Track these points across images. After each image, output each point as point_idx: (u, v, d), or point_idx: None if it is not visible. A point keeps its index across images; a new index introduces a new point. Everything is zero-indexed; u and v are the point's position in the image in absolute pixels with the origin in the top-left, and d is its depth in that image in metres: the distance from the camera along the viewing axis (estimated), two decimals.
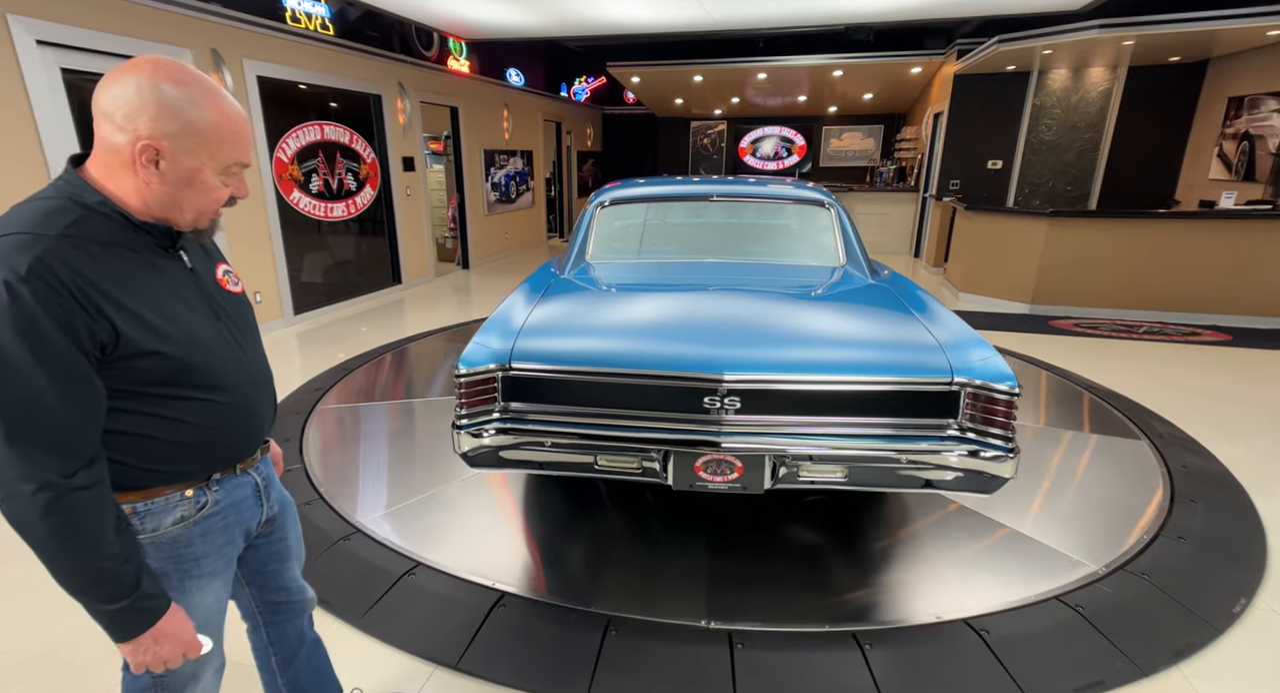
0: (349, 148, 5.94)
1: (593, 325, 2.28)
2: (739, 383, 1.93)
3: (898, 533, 2.48)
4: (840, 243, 2.91)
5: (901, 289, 2.59)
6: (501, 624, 1.99)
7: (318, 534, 2.42)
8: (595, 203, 3.14)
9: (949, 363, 1.93)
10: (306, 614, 1.40)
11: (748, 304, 2.34)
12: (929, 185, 8.87)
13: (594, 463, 2.03)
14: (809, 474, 1.97)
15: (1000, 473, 1.90)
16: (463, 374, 2.02)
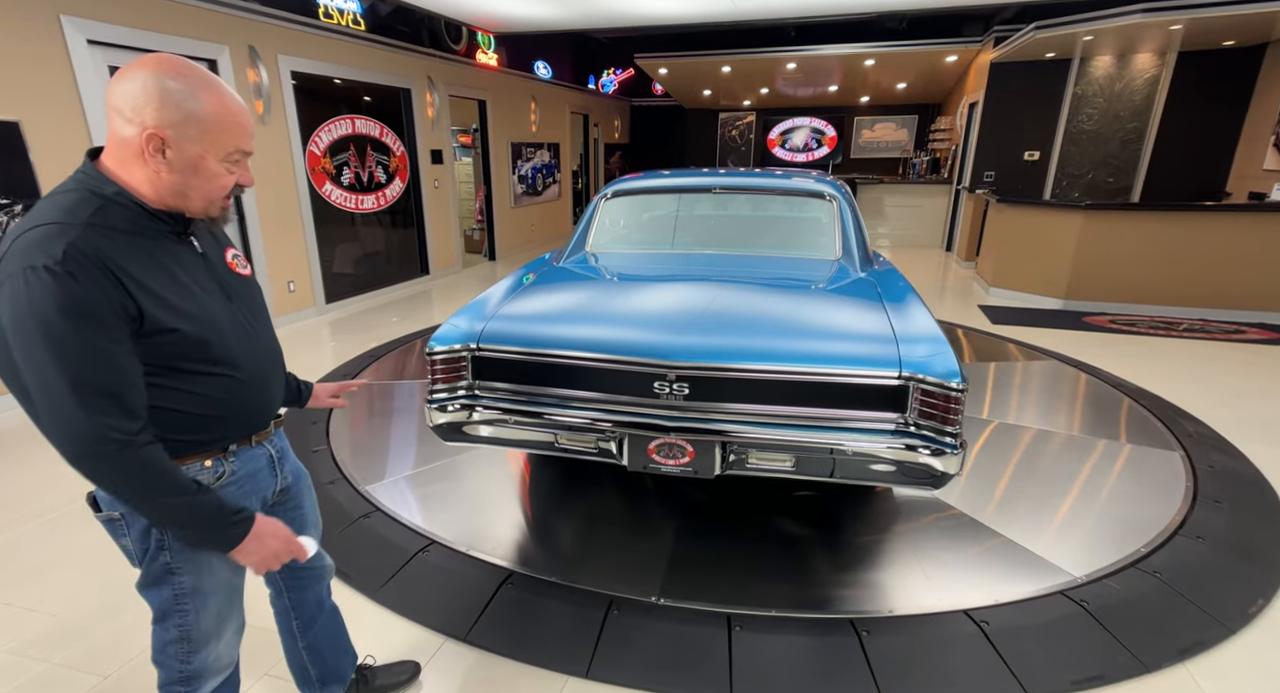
0: (379, 141, 6.09)
1: (560, 311, 2.37)
2: (687, 369, 1.98)
3: (898, 530, 2.48)
4: (838, 236, 2.90)
5: (886, 284, 2.57)
6: (509, 601, 2.07)
7: (339, 512, 2.53)
8: (601, 194, 3.23)
9: (899, 357, 1.93)
10: (325, 582, 1.49)
11: (721, 295, 2.38)
12: (962, 177, 8.67)
13: (555, 442, 2.13)
14: (758, 462, 2.01)
15: (945, 469, 1.90)
16: (433, 352, 2.16)
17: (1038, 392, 3.89)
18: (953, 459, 1.88)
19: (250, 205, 4.83)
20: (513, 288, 2.57)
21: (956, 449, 1.88)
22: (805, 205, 3.08)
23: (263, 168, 4.91)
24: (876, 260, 3.00)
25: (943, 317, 5.69)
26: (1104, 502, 2.64)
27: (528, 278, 2.71)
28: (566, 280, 2.71)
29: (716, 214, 3.16)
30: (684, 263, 2.87)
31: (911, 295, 2.39)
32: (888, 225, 9.84)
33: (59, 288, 0.88)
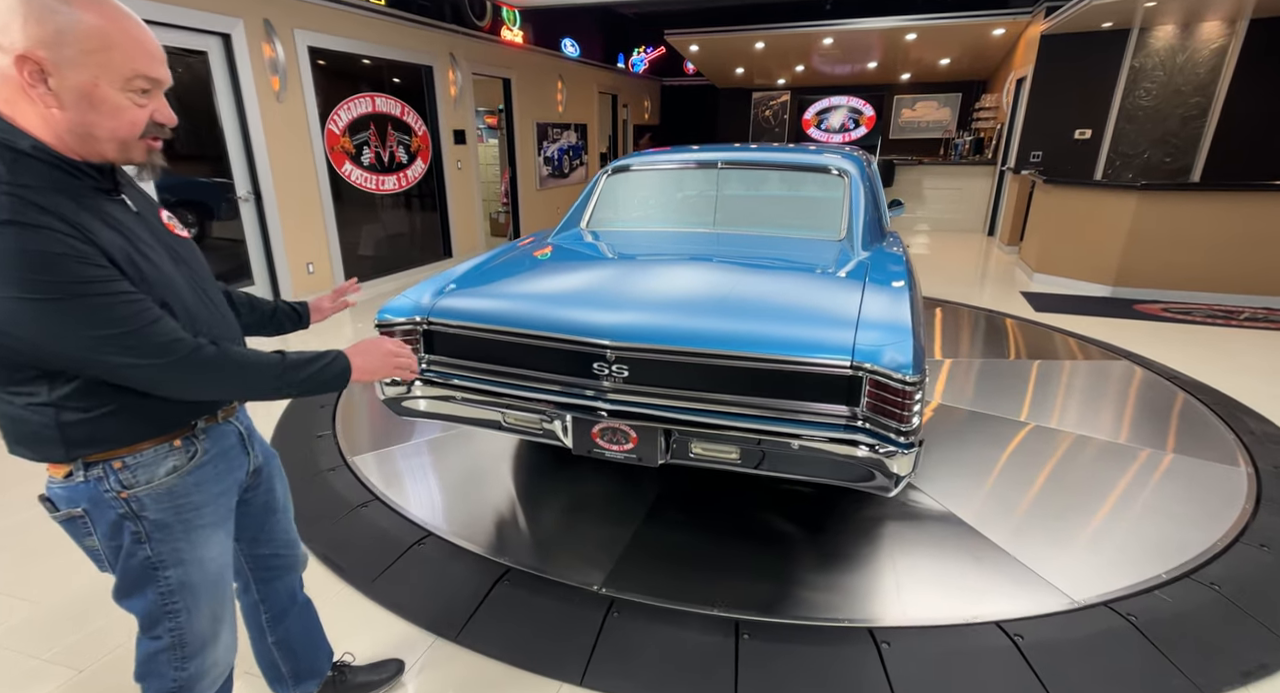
0: (400, 120, 6.01)
1: (516, 287, 2.27)
2: (625, 350, 1.87)
3: (907, 537, 2.30)
4: (845, 215, 2.69)
5: (880, 265, 2.34)
6: (504, 599, 1.96)
7: (337, 500, 2.46)
8: (603, 171, 3.11)
9: (853, 345, 1.75)
10: (297, 572, 1.39)
11: (694, 275, 2.24)
12: (1007, 157, 8.23)
13: (502, 421, 2.06)
14: (701, 452, 1.90)
15: (896, 470, 1.72)
16: (380, 324, 2.11)
17: (1084, 388, 3.62)
18: (904, 460, 1.71)
19: (267, 185, 4.79)
20: (482, 262, 2.51)
21: (908, 449, 1.71)
22: (814, 182, 2.88)
23: (280, 146, 4.86)
24: (887, 240, 2.78)
25: (983, 304, 5.39)
26: (1144, 515, 2.41)
27: (505, 252, 2.62)
28: (540, 257, 2.61)
29: (721, 191, 2.98)
30: (679, 242, 2.72)
31: (901, 279, 2.17)
32: (926, 209, 9.44)
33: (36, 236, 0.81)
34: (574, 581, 2.03)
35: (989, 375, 3.76)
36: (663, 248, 2.60)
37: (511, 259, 2.56)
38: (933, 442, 2.92)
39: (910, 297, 2.00)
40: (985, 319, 4.96)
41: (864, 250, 2.52)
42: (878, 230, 2.74)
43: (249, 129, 4.62)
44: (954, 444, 2.90)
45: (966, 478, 2.63)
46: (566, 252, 2.66)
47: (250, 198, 4.76)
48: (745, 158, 2.97)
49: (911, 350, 1.70)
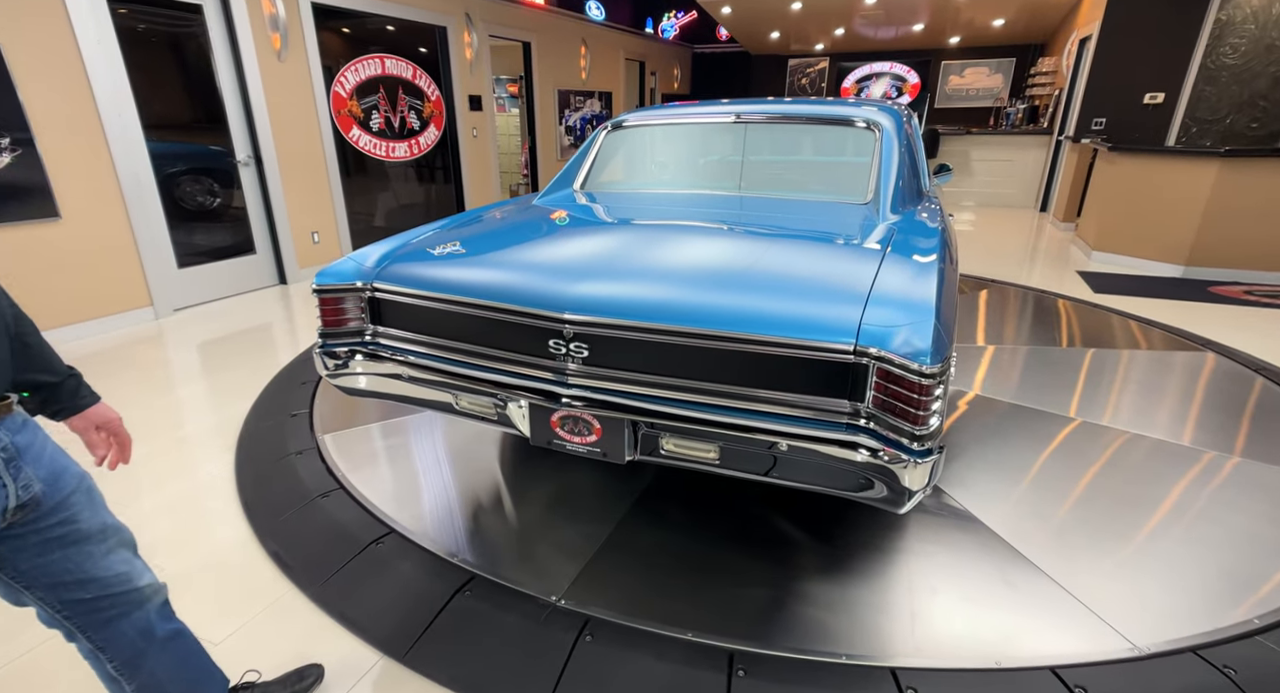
0: (412, 84, 5.72)
1: (477, 252, 1.96)
2: (582, 324, 1.58)
3: (927, 553, 1.95)
4: (873, 175, 2.30)
5: (907, 232, 1.95)
6: (463, 613, 1.70)
7: (298, 488, 2.22)
8: (603, 127, 2.77)
9: (859, 325, 1.39)
10: (147, 606, 1.12)
11: (684, 243, 1.89)
12: (1065, 125, 7.56)
13: (455, 404, 1.82)
14: (675, 449, 1.59)
15: (908, 483, 1.37)
16: (319, 289, 1.86)
17: (1144, 381, 3.17)
18: (918, 470, 1.35)
19: (268, 149, 4.57)
20: (446, 224, 2.23)
21: (923, 457, 1.35)
22: (840, 137, 2.48)
23: (281, 108, 4.62)
24: (923, 205, 2.37)
25: (1033, 284, 4.90)
26: (1214, 533, 2.01)
27: (478, 214, 2.32)
28: (514, 220, 2.29)
29: (731, 149, 2.61)
30: (682, 205, 2.36)
31: (931, 250, 1.78)
32: (973, 182, 8.81)
33: None
34: (544, 592, 1.76)
35: (1036, 364, 3.34)
36: (661, 212, 2.26)
37: (481, 222, 2.26)
38: (965, 438, 2.54)
39: (939, 271, 1.62)
40: (1035, 301, 4.49)
41: (893, 215, 2.14)
42: (913, 194, 2.34)
43: (248, 90, 4.39)
44: (988, 441, 2.53)
45: (999, 481, 2.27)
46: (547, 215, 2.34)
47: (250, 162, 4.54)
48: (761, 111, 2.58)
49: (932, 334, 1.34)
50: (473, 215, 2.36)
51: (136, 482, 2.32)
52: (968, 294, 4.65)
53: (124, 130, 3.75)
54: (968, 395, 2.95)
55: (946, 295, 1.54)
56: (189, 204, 4.28)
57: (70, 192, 3.54)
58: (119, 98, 3.72)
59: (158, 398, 2.99)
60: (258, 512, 2.13)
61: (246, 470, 2.37)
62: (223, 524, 2.09)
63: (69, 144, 3.50)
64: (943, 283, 1.56)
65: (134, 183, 3.83)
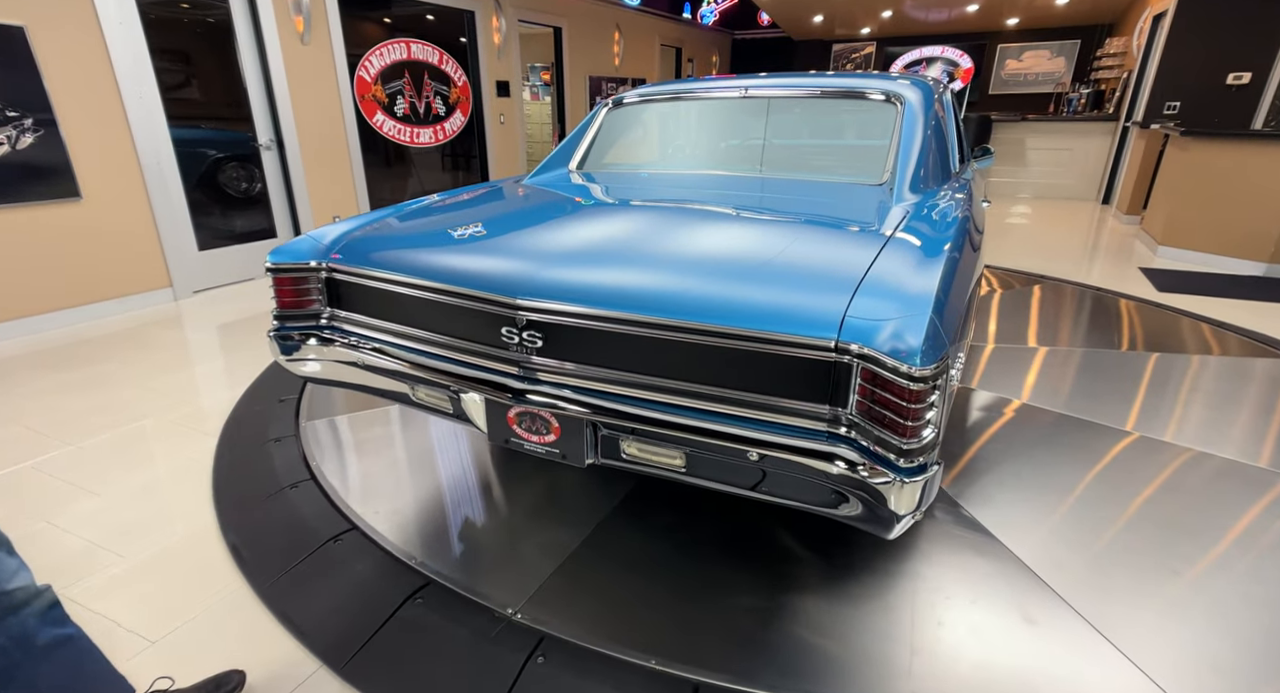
0: (438, 69, 5.66)
1: (442, 232, 1.80)
2: (535, 311, 1.42)
3: (954, 575, 1.71)
4: (892, 154, 2.05)
5: (921, 215, 1.70)
6: (410, 623, 1.57)
7: (269, 477, 2.14)
8: (603, 103, 2.58)
9: (841, 319, 1.18)
10: (22, 612, 1.02)
11: (669, 226, 1.69)
12: (1134, 110, 6.99)
13: (411, 395, 1.70)
14: (638, 454, 1.42)
15: (894, 505, 1.15)
16: (272, 268, 1.75)
17: (1215, 391, 2.82)
18: (906, 490, 1.14)
19: (290, 133, 4.56)
20: (421, 204, 2.10)
21: (913, 475, 1.13)
22: (857, 112, 2.24)
23: (304, 92, 4.61)
24: (949, 186, 2.10)
25: (1092, 281, 4.50)
26: None
27: (459, 193, 2.17)
28: (492, 200, 2.13)
29: (740, 127, 2.39)
30: (681, 187, 2.16)
31: (943, 237, 1.53)
32: (1029, 173, 8.27)
33: None
34: (500, 604, 1.61)
35: (1092, 370, 3.01)
36: (654, 194, 2.06)
37: (455, 202, 2.11)
38: (1002, 451, 2.28)
39: (948, 259, 1.38)
40: (1094, 300, 4.11)
41: (911, 196, 1.90)
42: (937, 175, 2.08)
43: (270, 73, 4.38)
44: (1028, 456, 2.26)
45: (1032, 500, 2.00)
46: (533, 194, 2.18)
47: (272, 146, 4.55)
48: (772, 85, 2.36)
49: (925, 330, 1.13)
50: (451, 195, 2.23)
51: (118, 463, 2.28)
52: (1018, 290, 4.30)
53: (146, 112, 3.77)
54: (1013, 404, 2.66)
55: (956, 288, 1.32)
56: (211, 187, 4.30)
57: (91, 172, 3.57)
58: (141, 79, 3.74)
59: (161, 378, 2.98)
60: (226, 501, 2.05)
61: (225, 457, 2.31)
62: (190, 513, 2.02)
63: (91, 125, 3.53)
64: (951, 274, 1.33)
65: (155, 164, 3.85)
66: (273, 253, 1.73)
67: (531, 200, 2.07)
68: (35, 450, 2.36)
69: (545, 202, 2.03)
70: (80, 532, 1.92)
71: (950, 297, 1.28)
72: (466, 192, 2.27)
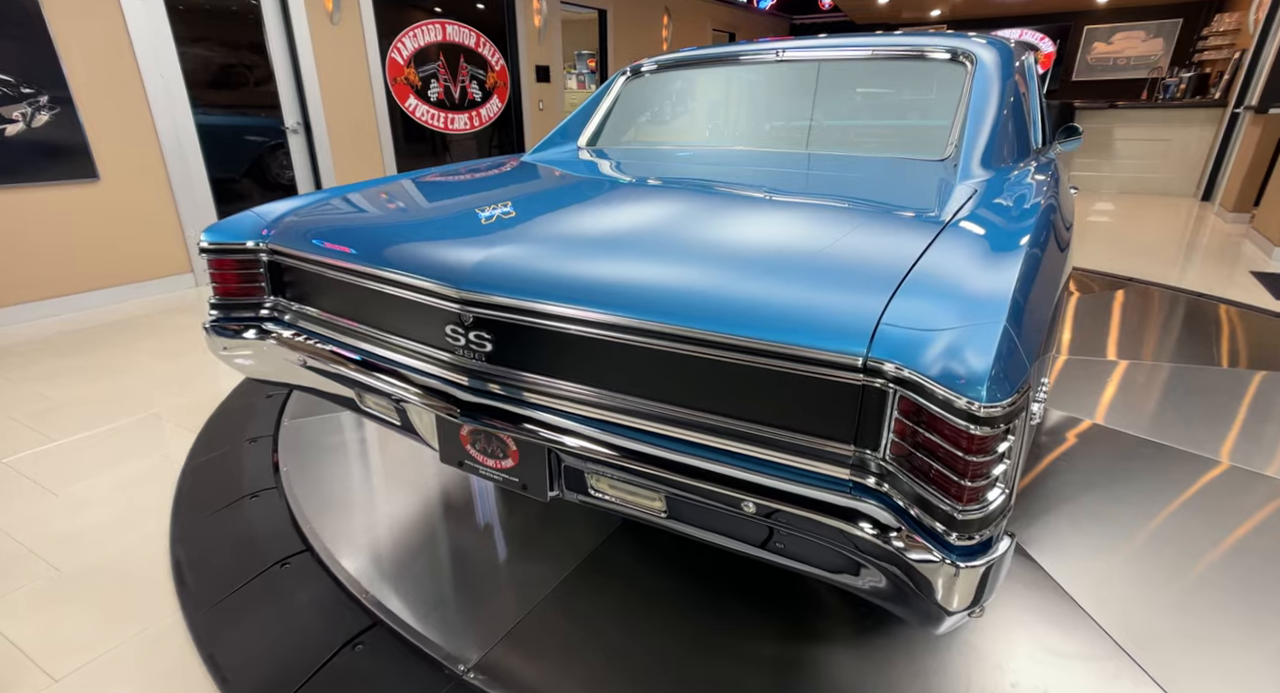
0: (474, 52, 5.46)
1: (401, 212, 1.52)
2: (486, 308, 1.12)
3: (1004, 621, 1.34)
4: (957, 124, 1.66)
5: (987, 203, 1.29)
6: (344, 675, 1.31)
7: (234, 484, 1.94)
8: (621, 72, 2.27)
9: (874, 328, 0.83)
10: None
11: (669, 211, 1.36)
12: (1246, 94, 6.19)
13: (357, 401, 1.44)
14: (607, 493, 1.11)
15: (939, 592, 0.79)
16: (206, 248, 1.51)
17: None
18: (964, 577, 0.78)
19: (317, 116, 4.44)
20: (388, 180, 1.85)
21: (973, 554, 0.78)
22: (921, 77, 1.86)
23: (333, 75, 4.48)
24: (1027, 163, 1.70)
25: (1189, 285, 3.92)
26: None
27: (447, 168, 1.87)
28: (474, 177, 1.85)
29: (778, 97, 2.04)
30: (706, 166, 1.82)
31: (1021, 222, 1.15)
32: (1116, 165, 7.50)
33: None
34: (453, 657, 1.34)
35: (1181, 388, 2.54)
36: (671, 174, 1.74)
37: (433, 179, 1.85)
38: (1069, 482, 1.87)
39: (1027, 253, 1.02)
40: (1189, 306, 3.55)
41: (981, 171, 1.52)
42: (1014, 149, 1.69)
43: (298, 54, 4.26)
44: (1101, 487, 1.86)
45: (1102, 539, 1.64)
46: (521, 171, 1.89)
47: (299, 130, 4.43)
48: (816, 47, 2.00)
49: (996, 347, 0.78)
50: (437, 171, 1.97)
51: (90, 460, 2.13)
52: (1097, 294, 3.77)
53: (167, 93, 3.69)
54: (1084, 424, 2.24)
55: (1038, 293, 0.96)
56: (234, 171, 4.22)
57: (109, 153, 3.51)
58: (162, 58, 3.65)
59: (163, 367, 2.85)
60: (184, 508, 1.86)
61: (197, 457, 2.13)
62: (145, 520, 1.83)
63: (109, 104, 3.46)
64: (1033, 272, 0.98)
65: (176, 147, 3.77)
66: (208, 230, 1.50)
67: (516, 178, 1.78)
68: (6, 442, 2.24)
69: (531, 180, 1.75)
70: (22, 536, 1.76)
71: (1031, 302, 0.92)
72: (455, 168, 2.01)
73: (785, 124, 1.99)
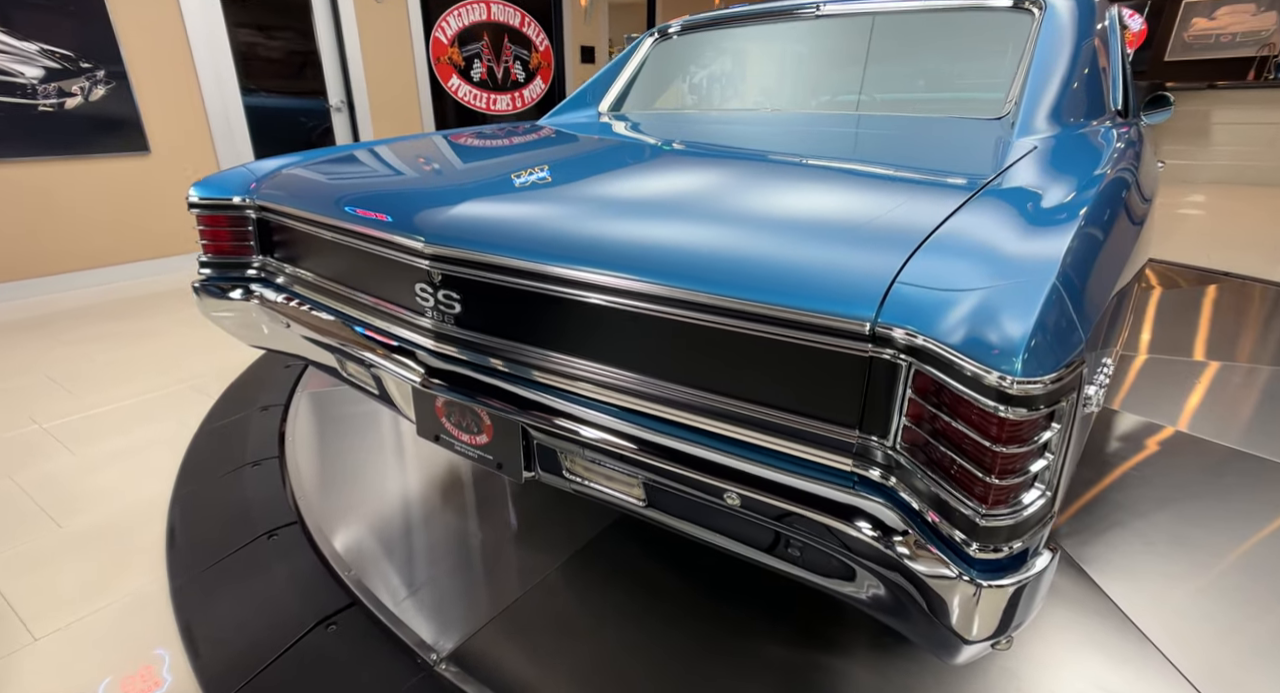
0: (519, 32, 5.39)
1: (390, 169, 1.42)
2: (452, 262, 1.01)
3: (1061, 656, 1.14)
4: (1020, 76, 1.44)
5: (1047, 163, 1.06)
6: (313, 655, 1.25)
7: (239, 452, 1.92)
8: (650, 32, 2.11)
9: (889, 286, 0.66)
10: None
11: (673, 170, 1.22)
12: None
13: (340, 369, 1.36)
14: (583, 477, 1.00)
15: (955, 615, 0.62)
16: (195, 203, 1.43)
17: None
18: (987, 598, 0.61)
19: (360, 95, 4.46)
20: (390, 141, 1.75)
21: (1000, 571, 0.61)
22: (984, 30, 1.63)
23: (376, 53, 4.48)
24: (1100, 122, 1.46)
25: None
26: None
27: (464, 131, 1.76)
28: (476, 139, 1.72)
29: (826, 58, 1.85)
30: (729, 128, 1.65)
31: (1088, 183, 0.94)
32: (1210, 153, 6.84)
33: None
34: (426, 645, 1.25)
35: None
36: (692, 137, 1.59)
37: (433, 139, 1.75)
38: (1145, 493, 1.63)
39: (1087, 215, 0.82)
40: None
41: (1046, 126, 1.30)
42: (1086, 106, 1.46)
43: (343, 32, 4.28)
44: (1181, 505, 1.62)
45: (1177, 560, 1.40)
46: (525, 132, 1.77)
47: (343, 107, 4.47)
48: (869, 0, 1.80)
49: (1040, 310, 0.61)
50: (436, 134, 1.88)
51: (113, 421, 2.16)
52: (1184, 290, 3.40)
53: (216, 70, 3.76)
54: (1165, 432, 1.98)
55: (1103, 264, 0.78)
56: (279, 147, 4.29)
57: (160, 127, 3.60)
58: (214, 36, 3.72)
59: (193, 335, 2.90)
60: (188, 473, 1.85)
61: (211, 423, 2.12)
62: (150, 483, 1.83)
63: (161, 79, 3.54)
64: (1096, 237, 0.79)
65: (223, 122, 3.84)
66: (197, 184, 1.45)
67: (516, 138, 1.67)
68: (39, 401, 2.29)
69: (530, 140, 1.63)
70: (35, 493, 1.78)
71: (1093, 271, 0.74)
72: (460, 130, 1.91)
73: (826, 86, 1.81)
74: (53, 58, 3.19)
